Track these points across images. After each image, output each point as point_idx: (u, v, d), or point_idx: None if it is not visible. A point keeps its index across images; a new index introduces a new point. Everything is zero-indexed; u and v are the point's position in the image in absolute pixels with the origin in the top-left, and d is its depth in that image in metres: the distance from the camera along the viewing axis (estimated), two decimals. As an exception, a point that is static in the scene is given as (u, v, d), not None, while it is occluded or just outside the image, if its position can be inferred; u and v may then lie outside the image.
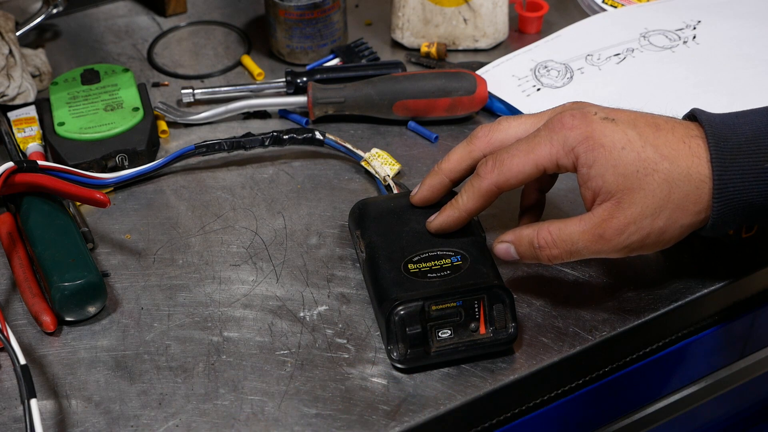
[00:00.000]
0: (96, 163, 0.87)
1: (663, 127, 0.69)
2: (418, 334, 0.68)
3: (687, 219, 0.68)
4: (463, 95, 0.91)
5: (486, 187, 0.71)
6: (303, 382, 0.70)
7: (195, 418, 0.68)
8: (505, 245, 0.72)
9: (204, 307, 0.76)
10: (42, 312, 0.74)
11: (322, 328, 0.74)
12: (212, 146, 0.88)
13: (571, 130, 0.69)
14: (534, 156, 0.70)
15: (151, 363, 0.72)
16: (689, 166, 0.68)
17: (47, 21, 1.05)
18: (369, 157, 0.87)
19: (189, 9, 1.10)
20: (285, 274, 0.78)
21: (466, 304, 0.69)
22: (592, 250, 0.69)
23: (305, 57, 1.01)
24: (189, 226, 0.83)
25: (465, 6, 1.00)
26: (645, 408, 0.87)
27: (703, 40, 0.98)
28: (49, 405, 0.69)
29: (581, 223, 0.69)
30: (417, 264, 0.72)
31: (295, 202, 0.85)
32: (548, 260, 0.70)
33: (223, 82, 1.01)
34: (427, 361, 0.70)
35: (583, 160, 0.68)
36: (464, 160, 0.75)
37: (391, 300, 0.69)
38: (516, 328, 0.70)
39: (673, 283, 0.77)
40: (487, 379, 0.70)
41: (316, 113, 0.93)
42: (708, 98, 0.90)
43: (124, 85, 0.93)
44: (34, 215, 0.78)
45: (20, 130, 0.91)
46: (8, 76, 0.93)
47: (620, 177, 0.67)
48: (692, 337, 0.81)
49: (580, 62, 0.96)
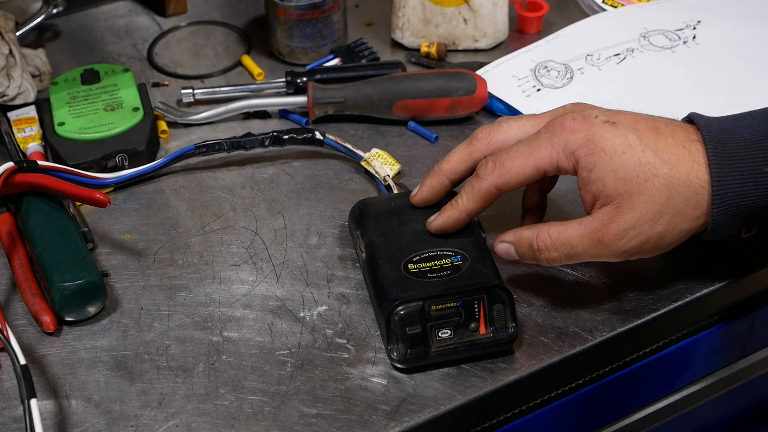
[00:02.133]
0: (96, 163, 0.87)
1: (663, 131, 0.69)
2: (418, 334, 0.68)
3: (686, 224, 0.68)
4: (463, 95, 0.91)
5: (486, 188, 0.71)
6: (303, 382, 0.70)
7: (195, 418, 0.68)
8: (505, 245, 0.72)
9: (204, 307, 0.76)
10: (42, 312, 0.74)
11: (322, 328, 0.74)
12: (212, 146, 0.88)
13: (571, 133, 0.69)
14: (534, 158, 0.70)
15: (151, 363, 0.72)
16: (689, 171, 0.67)
17: (47, 21, 1.05)
18: (369, 157, 0.87)
19: (189, 9, 1.10)
20: (285, 274, 0.78)
21: (466, 304, 0.69)
22: (591, 254, 0.69)
23: (305, 57, 1.01)
24: (189, 226, 0.83)
25: (465, 6, 1.00)
26: (645, 408, 0.87)
27: (703, 40, 0.98)
28: (49, 405, 0.69)
29: (581, 227, 0.69)
30: (417, 264, 0.72)
31: (295, 202, 0.85)
32: (547, 262, 0.71)
33: (223, 82, 1.01)
34: (427, 361, 0.70)
35: (583, 163, 0.68)
36: (464, 161, 0.75)
37: (391, 300, 0.69)
38: (516, 328, 0.70)
39: (673, 283, 0.77)
40: (487, 379, 0.70)
41: (316, 113, 0.93)
42: (708, 98, 0.90)
43: (124, 85, 0.93)
44: (34, 215, 0.78)
45: (20, 130, 0.91)
46: (8, 76, 0.93)
47: (620, 181, 0.67)
48: (692, 337, 0.81)
49: (580, 62, 0.96)
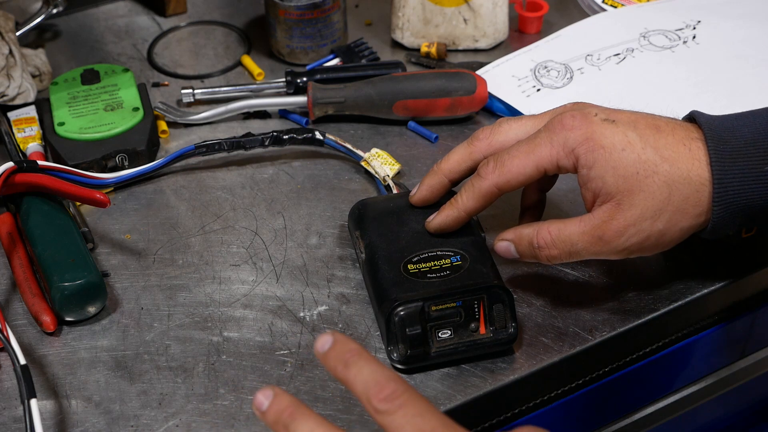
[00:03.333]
0: (96, 163, 0.87)
1: (663, 129, 0.69)
2: (418, 335, 0.68)
3: (687, 222, 0.68)
4: (463, 95, 0.91)
5: (486, 187, 0.71)
6: (303, 382, 0.70)
7: (195, 418, 0.68)
8: (505, 243, 0.72)
9: (204, 307, 0.76)
10: (42, 312, 0.74)
11: (322, 328, 0.74)
12: (212, 146, 0.88)
13: (571, 131, 0.69)
14: (534, 157, 0.70)
15: (151, 363, 0.72)
16: (689, 169, 0.67)
17: (47, 21, 1.05)
18: (369, 157, 0.87)
19: (189, 9, 1.10)
20: (285, 274, 0.78)
21: (466, 304, 0.69)
22: (591, 251, 0.69)
23: (305, 57, 1.01)
24: (189, 226, 0.83)
25: (465, 6, 1.00)
26: (645, 408, 0.87)
27: (702, 40, 0.98)
28: (49, 405, 0.69)
29: (581, 224, 0.69)
30: (416, 264, 0.72)
31: (295, 202, 0.85)
32: (547, 260, 0.71)
33: (223, 82, 1.01)
34: (427, 362, 0.70)
35: (583, 161, 0.68)
36: (464, 161, 0.75)
37: (390, 300, 0.69)
38: (516, 328, 0.70)
39: (673, 283, 0.77)
40: (487, 379, 0.70)
41: (316, 113, 0.93)
42: (708, 98, 0.90)
43: (124, 85, 0.93)
44: (34, 215, 0.78)
45: (20, 130, 0.91)
46: (8, 76, 0.93)
47: (620, 179, 0.67)
48: (692, 337, 0.81)
49: (580, 62, 0.97)
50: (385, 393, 0.53)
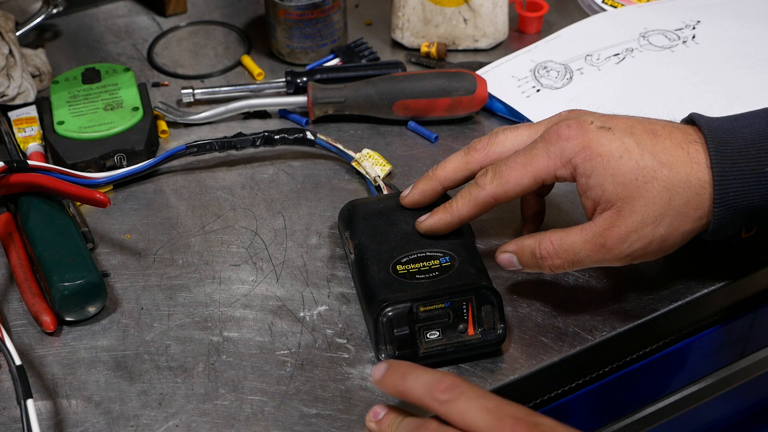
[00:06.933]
0: (94, 162, 0.87)
1: (660, 134, 0.69)
2: (406, 336, 0.68)
3: (688, 225, 0.68)
4: (463, 95, 0.91)
5: (483, 197, 0.71)
6: (303, 382, 0.70)
7: (195, 418, 0.68)
8: (507, 255, 0.72)
9: (204, 307, 0.76)
10: (42, 312, 0.74)
11: (322, 328, 0.74)
12: (203, 146, 0.88)
13: (567, 141, 0.69)
14: (532, 168, 0.69)
15: (151, 363, 0.72)
16: (688, 173, 0.67)
17: (47, 21, 1.05)
18: (360, 158, 0.87)
19: (189, 9, 1.10)
20: (285, 274, 0.78)
21: (455, 305, 0.69)
22: (594, 259, 0.69)
23: (305, 57, 1.01)
24: (189, 226, 0.83)
25: (465, 6, 1.00)
26: (645, 408, 0.87)
27: (702, 40, 0.98)
28: (49, 405, 0.69)
29: (583, 233, 0.69)
30: (405, 265, 0.72)
31: (295, 202, 0.85)
32: (550, 270, 0.70)
33: (223, 82, 1.01)
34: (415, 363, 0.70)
35: (581, 170, 0.68)
36: (460, 170, 0.75)
37: (379, 301, 0.69)
38: (504, 329, 0.70)
39: (673, 283, 0.77)
40: (487, 379, 0.70)
41: (316, 113, 0.93)
42: (707, 98, 0.90)
43: (124, 85, 0.93)
44: (34, 215, 0.78)
45: (20, 129, 0.91)
46: (8, 76, 0.93)
47: (619, 186, 0.67)
48: (692, 337, 0.81)
49: (580, 62, 0.96)
50: (445, 385, 0.60)
